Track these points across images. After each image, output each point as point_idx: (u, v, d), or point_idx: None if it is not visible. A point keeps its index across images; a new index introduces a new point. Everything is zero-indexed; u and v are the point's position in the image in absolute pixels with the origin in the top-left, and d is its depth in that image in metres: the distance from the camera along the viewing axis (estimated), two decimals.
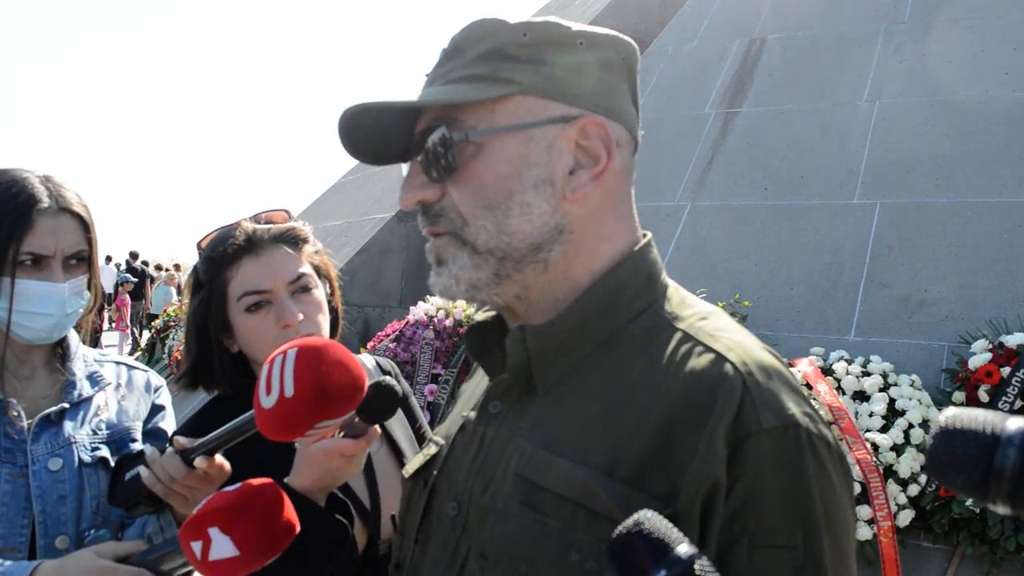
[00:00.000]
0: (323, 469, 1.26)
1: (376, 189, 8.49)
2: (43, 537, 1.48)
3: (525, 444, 0.92)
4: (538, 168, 0.93)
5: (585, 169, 0.95)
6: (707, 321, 0.95)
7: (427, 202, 0.96)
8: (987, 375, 4.06)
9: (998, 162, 5.26)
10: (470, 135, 0.92)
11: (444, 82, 0.94)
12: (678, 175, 6.25)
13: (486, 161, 0.93)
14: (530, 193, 0.92)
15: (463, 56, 0.94)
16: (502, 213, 0.92)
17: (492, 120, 0.93)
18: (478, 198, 0.93)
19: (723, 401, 0.84)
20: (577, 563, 0.83)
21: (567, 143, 0.94)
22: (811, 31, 6.89)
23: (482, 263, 0.93)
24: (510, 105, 0.93)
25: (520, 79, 0.93)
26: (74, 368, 1.63)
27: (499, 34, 0.94)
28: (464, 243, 0.94)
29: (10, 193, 1.50)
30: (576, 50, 0.95)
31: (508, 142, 0.93)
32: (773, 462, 0.83)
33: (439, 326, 4.92)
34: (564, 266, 0.95)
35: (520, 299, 0.96)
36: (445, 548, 0.97)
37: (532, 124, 0.93)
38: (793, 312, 5.13)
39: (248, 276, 1.54)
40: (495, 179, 0.92)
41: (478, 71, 0.93)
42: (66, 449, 1.54)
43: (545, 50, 0.94)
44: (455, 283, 0.95)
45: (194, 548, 1.08)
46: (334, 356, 1.10)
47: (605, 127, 0.95)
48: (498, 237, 0.93)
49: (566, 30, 0.95)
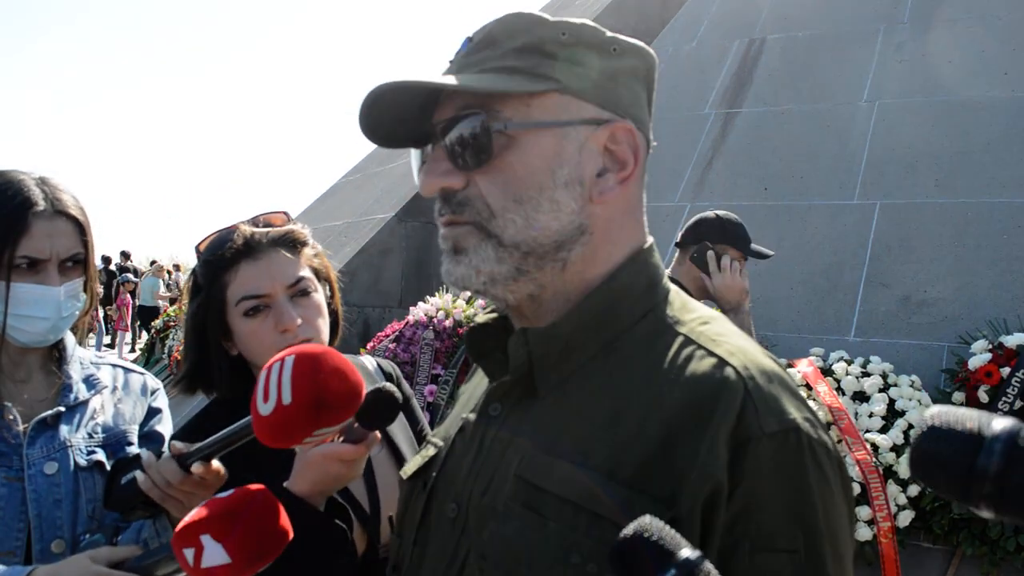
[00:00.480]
0: (322, 473, 1.25)
1: (376, 189, 8.49)
2: (39, 541, 1.48)
3: (526, 446, 0.92)
4: (569, 167, 0.93)
5: (612, 173, 0.96)
6: (709, 326, 0.95)
7: (451, 190, 0.95)
8: (987, 375, 4.06)
9: (998, 162, 5.25)
10: (508, 126, 0.92)
11: (478, 71, 0.94)
12: (678, 175, 6.25)
13: (519, 154, 0.92)
14: (560, 191, 0.93)
15: (498, 47, 0.94)
16: (532, 208, 0.92)
17: (528, 114, 0.93)
18: (508, 190, 0.92)
19: (725, 405, 0.84)
20: (578, 565, 0.83)
21: (597, 145, 0.95)
22: (811, 31, 6.89)
23: (506, 257, 0.93)
24: (547, 101, 0.93)
25: (558, 76, 0.93)
26: (70, 371, 1.62)
27: (538, 30, 0.94)
28: (490, 235, 0.93)
29: (6, 196, 1.50)
30: (610, 56, 0.96)
31: (543, 137, 0.93)
32: (775, 466, 0.83)
33: (439, 327, 4.92)
34: (581, 267, 0.96)
35: (533, 298, 0.96)
36: (444, 550, 0.96)
37: (567, 123, 0.93)
38: (793, 312, 5.13)
39: (246, 280, 1.52)
40: (527, 173, 0.92)
41: (516, 64, 0.93)
42: (62, 453, 1.54)
43: (582, 52, 0.94)
44: (475, 274, 0.94)
45: (186, 555, 1.08)
46: (332, 363, 1.09)
47: (634, 133, 0.97)
48: (526, 231, 0.92)
49: (602, 35, 0.97)
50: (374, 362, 1.79)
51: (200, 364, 1.59)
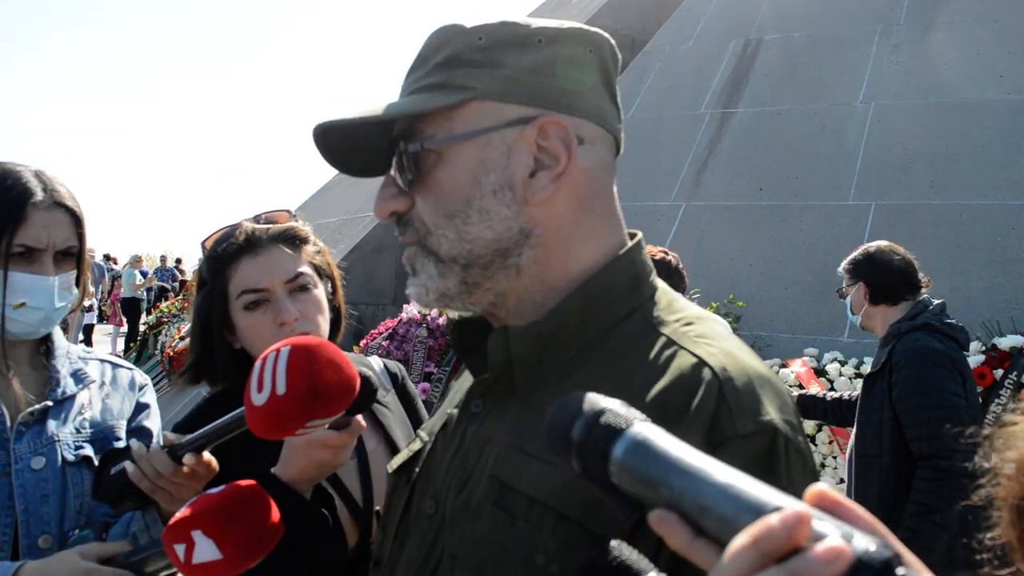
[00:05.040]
0: (307, 460, 1.28)
1: (369, 187, 8.46)
2: (25, 536, 1.46)
3: (502, 445, 0.92)
4: (496, 173, 0.91)
5: (547, 171, 0.93)
6: (692, 327, 0.94)
7: (398, 212, 0.96)
8: (980, 377, 4.07)
9: (992, 164, 5.27)
10: (425, 144, 0.92)
11: (408, 93, 0.95)
12: (673, 175, 6.25)
13: (446, 170, 0.92)
14: (488, 199, 0.91)
15: (426, 65, 0.94)
16: (461, 221, 0.92)
17: (450, 128, 0.92)
18: (439, 207, 0.93)
19: (698, 406, 0.83)
20: (542, 566, 0.82)
21: (528, 145, 0.92)
22: (807, 32, 6.90)
23: (447, 271, 0.94)
24: (466, 112, 0.92)
25: (474, 84, 0.91)
26: (58, 366, 1.61)
27: (456, 40, 0.93)
28: (429, 252, 0.94)
29: (4, 185, 1.50)
30: (536, 48, 0.93)
31: (465, 149, 0.92)
32: (746, 466, 0.82)
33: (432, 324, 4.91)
34: (538, 269, 0.94)
35: (497, 305, 0.96)
36: (421, 546, 0.96)
37: (488, 129, 0.91)
38: (787, 313, 5.13)
39: (247, 275, 1.56)
40: (454, 187, 0.92)
41: (437, 80, 0.92)
42: (49, 448, 1.52)
43: (500, 52, 0.92)
44: (425, 292, 0.95)
45: (177, 551, 1.07)
46: (326, 355, 1.09)
47: (564, 125, 0.92)
48: (459, 245, 0.92)
49: (523, 29, 0.93)
50: (380, 363, 1.80)
51: (204, 355, 1.63)
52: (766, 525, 0.48)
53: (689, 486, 0.56)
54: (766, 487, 0.53)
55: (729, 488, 0.54)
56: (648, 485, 0.59)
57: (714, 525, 0.54)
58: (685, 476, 0.57)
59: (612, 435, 0.63)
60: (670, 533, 0.56)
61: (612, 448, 0.62)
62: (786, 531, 0.47)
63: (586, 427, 0.65)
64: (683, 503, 0.56)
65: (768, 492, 0.52)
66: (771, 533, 0.48)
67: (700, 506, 0.55)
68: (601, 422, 0.64)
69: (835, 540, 0.46)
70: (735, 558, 0.49)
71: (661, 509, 0.57)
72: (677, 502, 0.56)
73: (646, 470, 0.60)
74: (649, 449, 0.60)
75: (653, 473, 0.59)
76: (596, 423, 0.64)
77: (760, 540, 0.48)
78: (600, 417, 0.65)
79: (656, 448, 0.60)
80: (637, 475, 0.61)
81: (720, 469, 0.56)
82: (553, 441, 0.68)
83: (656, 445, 0.60)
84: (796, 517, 0.48)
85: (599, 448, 0.63)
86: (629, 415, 0.64)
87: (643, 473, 0.60)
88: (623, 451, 0.62)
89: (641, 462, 0.60)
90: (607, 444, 0.63)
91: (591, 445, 0.64)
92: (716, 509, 0.53)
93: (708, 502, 0.54)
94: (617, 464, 0.62)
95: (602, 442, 0.63)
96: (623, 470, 0.62)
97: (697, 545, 0.55)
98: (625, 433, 0.62)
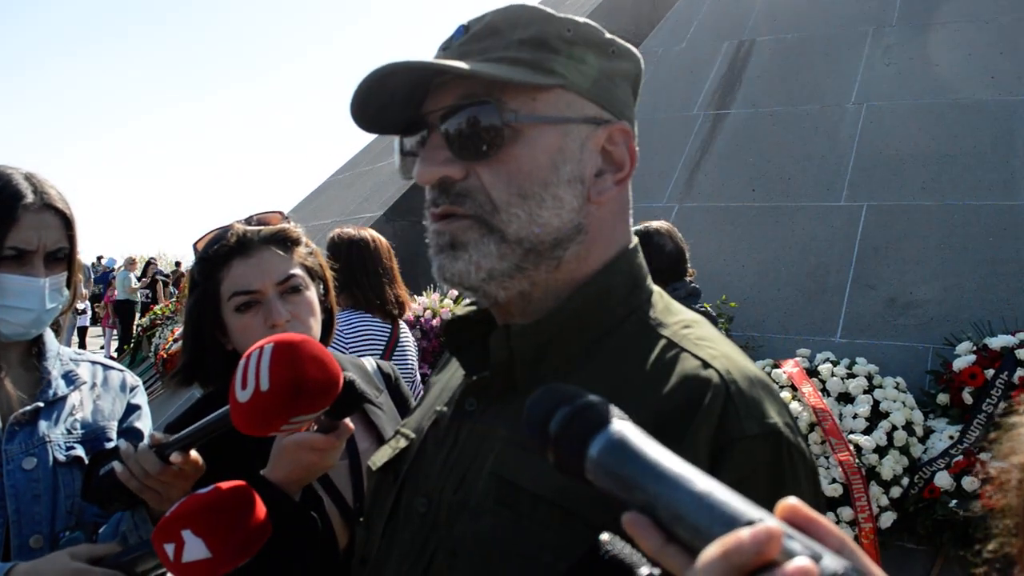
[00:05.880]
0: (295, 462, 1.27)
1: (365, 188, 8.47)
2: (16, 536, 1.47)
3: (502, 443, 0.91)
4: (571, 164, 0.93)
5: (610, 174, 0.95)
6: (691, 329, 0.95)
7: (450, 179, 0.92)
8: (971, 377, 4.08)
9: (984, 165, 5.29)
10: (517, 118, 0.90)
11: (482, 59, 0.90)
12: (666, 176, 6.26)
13: (524, 148, 0.90)
14: (564, 187, 0.92)
15: (501, 38, 0.92)
16: (536, 203, 0.91)
17: (533, 107, 0.91)
18: (513, 184, 0.90)
19: (707, 408, 0.84)
20: (550, 564, 0.82)
21: (595, 145, 0.94)
22: (800, 33, 6.92)
23: (508, 253, 0.91)
24: (552, 96, 0.92)
25: (565, 72, 0.92)
26: (49, 367, 1.62)
27: (543, 24, 0.93)
28: (492, 230, 0.91)
29: None
30: (609, 57, 0.96)
31: (547, 132, 0.91)
32: (753, 468, 0.83)
33: (426, 326, 4.91)
34: (574, 265, 0.95)
35: (523, 296, 0.95)
36: (413, 544, 0.96)
37: (571, 119, 0.93)
38: (780, 313, 5.15)
39: (238, 277, 1.56)
40: (533, 168, 0.91)
41: (520, 55, 0.91)
42: (40, 448, 1.53)
43: (585, 50, 0.94)
44: (474, 270, 0.91)
45: (167, 550, 1.08)
46: (310, 352, 1.10)
47: (630, 134, 0.97)
48: (529, 227, 0.91)
49: (602, 35, 0.97)
50: (373, 364, 1.81)
51: (196, 358, 1.62)
52: (737, 538, 0.48)
53: (664, 492, 0.55)
54: (740, 499, 0.53)
55: (704, 497, 0.53)
56: (623, 486, 0.59)
57: (687, 533, 0.53)
58: (661, 481, 0.56)
59: (589, 432, 0.62)
60: (642, 537, 0.56)
61: (588, 446, 0.61)
62: (756, 546, 0.48)
63: (564, 421, 0.64)
64: (657, 508, 0.55)
65: (742, 504, 0.52)
66: (741, 547, 0.48)
67: (674, 513, 0.54)
68: (579, 418, 0.63)
69: (803, 560, 0.46)
70: (705, 569, 0.49)
71: (634, 511, 0.57)
72: (651, 507, 0.56)
73: (622, 471, 0.59)
74: (626, 450, 0.60)
75: (629, 475, 0.58)
76: (574, 418, 0.63)
77: (730, 553, 0.48)
78: (579, 412, 0.64)
79: (633, 449, 0.59)
80: (612, 475, 0.60)
81: (696, 476, 0.55)
82: (531, 431, 0.66)
83: (634, 446, 0.60)
84: (767, 533, 0.48)
85: (575, 445, 0.62)
86: (609, 412, 0.63)
87: (618, 474, 0.59)
88: (599, 450, 0.61)
89: (617, 462, 0.60)
90: (583, 441, 0.62)
91: (567, 440, 0.63)
92: (689, 518, 0.53)
93: (682, 510, 0.54)
94: (592, 462, 0.61)
95: (578, 438, 0.62)
96: (598, 469, 0.61)
97: (669, 551, 0.55)
98: (603, 431, 0.62)
